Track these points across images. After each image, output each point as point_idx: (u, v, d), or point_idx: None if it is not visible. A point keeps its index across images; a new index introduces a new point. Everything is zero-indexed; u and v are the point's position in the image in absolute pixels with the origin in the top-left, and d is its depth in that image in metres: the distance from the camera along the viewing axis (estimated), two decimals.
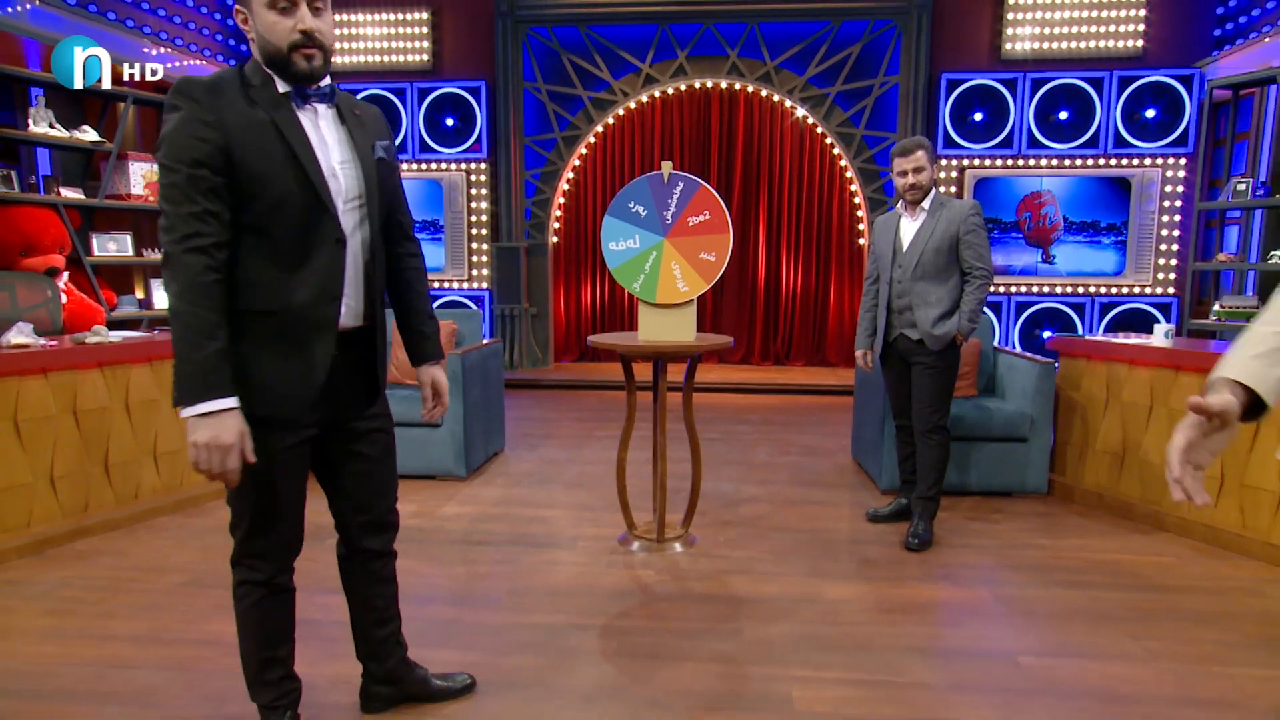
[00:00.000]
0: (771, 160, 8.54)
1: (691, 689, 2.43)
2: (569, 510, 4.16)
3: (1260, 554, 3.56)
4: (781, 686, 2.45)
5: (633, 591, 3.16)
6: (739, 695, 2.41)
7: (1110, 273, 7.79)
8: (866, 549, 3.64)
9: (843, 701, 2.38)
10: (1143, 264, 7.69)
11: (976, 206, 3.65)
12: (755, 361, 8.86)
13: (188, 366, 1.68)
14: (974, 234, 3.57)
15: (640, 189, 3.42)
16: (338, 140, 1.88)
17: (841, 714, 2.31)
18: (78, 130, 6.03)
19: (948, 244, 3.58)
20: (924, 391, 3.68)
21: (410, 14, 8.16)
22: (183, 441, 4.08)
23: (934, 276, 3.61)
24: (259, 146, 1.74)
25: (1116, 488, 4.23)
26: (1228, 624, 2.94)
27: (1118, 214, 7.72)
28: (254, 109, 1.76)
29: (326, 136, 1.86)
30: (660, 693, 2.41)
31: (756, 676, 2.51)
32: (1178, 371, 3.95)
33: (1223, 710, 2.37)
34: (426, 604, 3.03)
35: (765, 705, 2.35)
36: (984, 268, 3.57)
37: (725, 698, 2.40)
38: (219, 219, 1.71)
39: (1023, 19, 7.60)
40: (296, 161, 1.77)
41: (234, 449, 1.70)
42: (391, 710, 2.32)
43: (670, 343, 3.42)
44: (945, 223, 3.59)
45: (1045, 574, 3.39)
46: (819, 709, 2.34)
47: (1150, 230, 7.62)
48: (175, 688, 2.45)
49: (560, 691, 2.43)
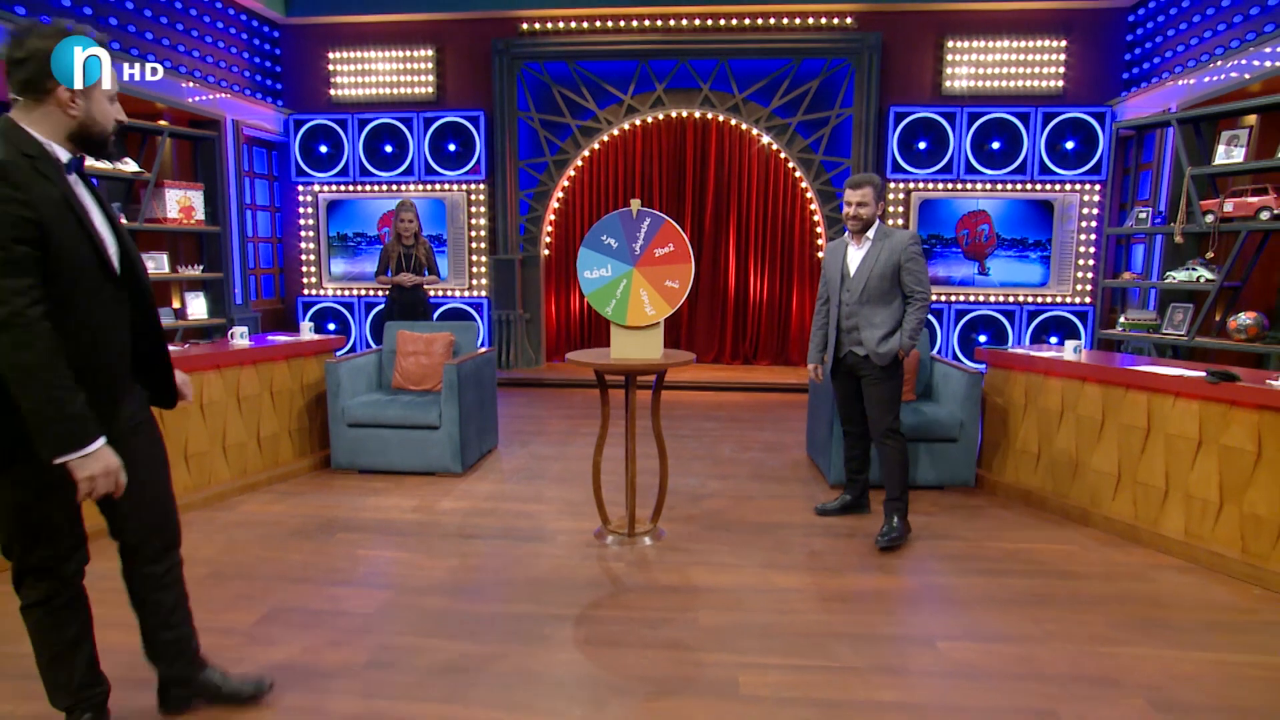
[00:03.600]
0: (740, 182, 8.56)
1: (650, 675, 2.48)
2: (552, 505, 4.18)
3: (1150, 543, 3.65)
4: (730, 673, 2.50)
5: (604, 583, 3.20)
6: (691, 680, 2.46)
7: (1037, 284, 7.87)
8: (814, 542, 3.68)
9: (782, 686, 2.44)
10: (1064, 276, 7.78)
11: (916, 237, 3.66)
12: (726, 361, 8.90)
13: (64, 421, 1.74)
14: (913, 261, 3.59)
15: (612, 223, 3.45)
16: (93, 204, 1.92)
17: (780, 697, 2.37)
18: (120, 162, 5.99)
19: (890, 271, 3.59)
20: (874, 402, 3.71)
21: (417, 50, 8.12)
22: (210, 443, 4.16)
23: (878, 300, 3.62)
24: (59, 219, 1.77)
25: (1033, 483, 4.31)
26: (1116, 607, 3.01)
27: (1043, 232, 7.80)
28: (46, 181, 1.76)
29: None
30: (621, 678, 2.46)
31: (708, 663, 2.56)
32: (1084, 382, 4.04)
33: (1105, 687, 2.44)
34: (424, 594, 3.07)
35: (714, 690, 2.40)
36: (923, 291, 3.60)
37: (679, 683, 2.45)
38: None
39: (960, 60, 7.64)
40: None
41: (119, 467, 1.84)
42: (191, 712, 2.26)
43: (639, 360, 3.46)
44: (888, 252, 3.60)
45: (965, 563, 3.45)
46: (762, 693, 2.39)
47: (1070, 247, 7.70)
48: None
49: (534, 678, 2.47)
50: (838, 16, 7.69)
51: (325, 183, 8.33)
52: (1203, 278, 5.19)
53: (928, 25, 7.68)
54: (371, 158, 8.20)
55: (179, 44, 6.91)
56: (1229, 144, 5.01)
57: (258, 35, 8.03)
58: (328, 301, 8.50)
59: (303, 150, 8.26)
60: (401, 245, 5.69)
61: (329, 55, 8.22)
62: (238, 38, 7.72)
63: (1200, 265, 5.22)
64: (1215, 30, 6.07)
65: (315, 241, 8.45)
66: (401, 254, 5.69)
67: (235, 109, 7.42)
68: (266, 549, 3.53)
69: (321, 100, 8.30)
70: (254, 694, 2.32)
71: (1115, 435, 3.87)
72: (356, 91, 8.23)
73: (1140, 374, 3.75)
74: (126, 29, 6.36)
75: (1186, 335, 5.24)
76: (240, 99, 7.50)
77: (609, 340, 3.56)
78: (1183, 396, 3.55)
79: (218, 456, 4.28)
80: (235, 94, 7.43)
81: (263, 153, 8.33)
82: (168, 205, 6.15)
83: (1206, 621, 2.90)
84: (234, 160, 7.38)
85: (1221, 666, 2.57)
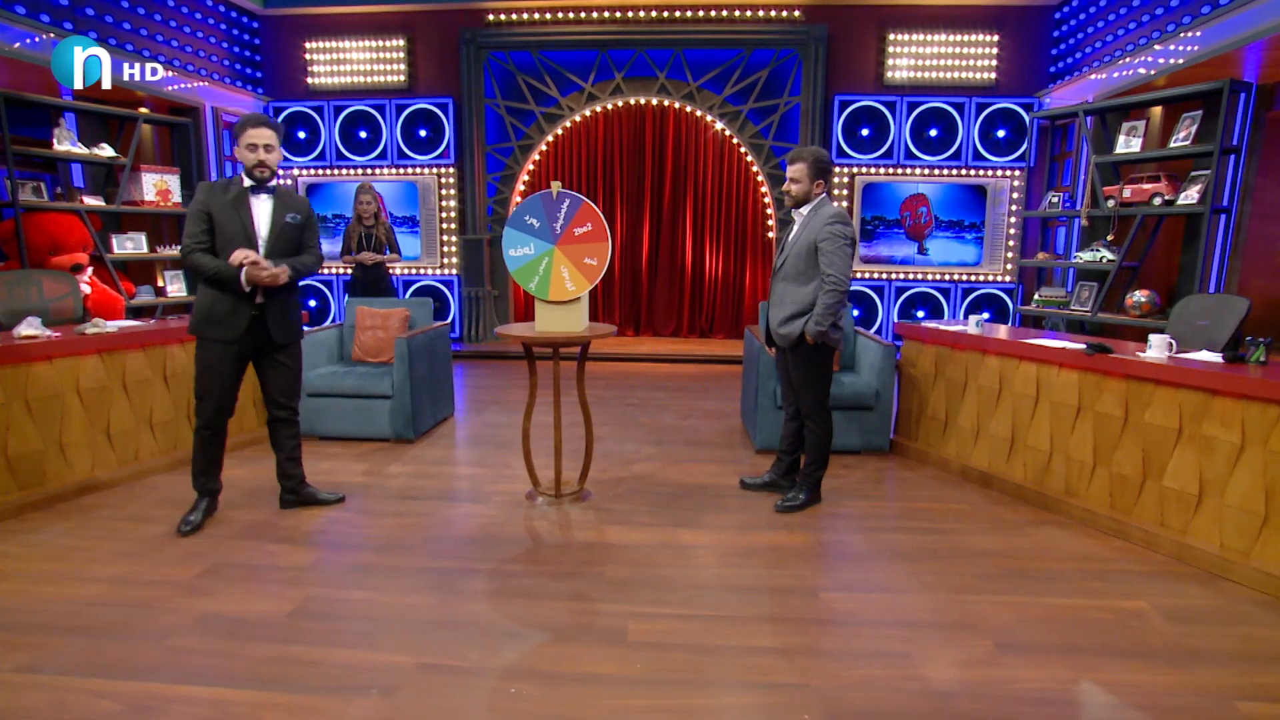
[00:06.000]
0: (696, 166, 8.51)
1: (548, 624, 2.52)
2: (493, 469, 4.19)
3: (1036, 502, 3.72)
4: (621, 622, 2.53)
5: (524, 540, 3.23)
6: (585, 628, 2.50)
7: (971, 263, 7.90)
8: (727, 502, 3.69)
9: (667, 633, 2.47)
10: (995, 256, 7.81)
11: (839, 215, 3.27)
12: (684, 334, 8.91)
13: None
14: (829, 241, 3.23)
15: (534, 204, 3.42)
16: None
17: (663, 643, 2.41)
18: (96, 147, 5.89)
19: (807, 250, 3.30)
20: (796, 380, 3.52)
21: (389, 40, 7.96)
22: (175, 412, 4.16)
23: (794, 279, 3.36)
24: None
25: (941, 448, 4.36)
26: (991, 560, 3.06)
27: (978, 214, 7.80)
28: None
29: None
30: (522, 627, 2.49)
31: (604, 613, 2.60)
32: (984, 354, 4.08)
33: (960, 631, 2.50)
34: (352, 551, 3.09)
35: (604, 637, 2.44)
36: (833, 275, 3.22)
37: (573, 630, 2.48)
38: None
39: (901, 52, 7.57)
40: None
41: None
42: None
43: (562, 333, 3.46)
44: (809, 230, 3.31)
45: (863, 521, 3.49)
46: (647, 639, 2.43)
47: (1001, 229, 7.72)
48: (133, 622, 2.51)
49: (440, 626, 2.50)
50: (786, 9, 7.59)
51: (304, 166, 8.21)
52: (1105, 258, 5.23)
53: (870, 19, 7.60)
54: (347, 143, 8.08)
55: (157, 34, 6.74)
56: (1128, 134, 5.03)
57: (237, 26, 7.85)
58: (308, 279, 8.41)
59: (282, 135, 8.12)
60: (362, 226, 5.65)
61: (306, 45, 8.05)
62: (217, 28, 7.54)
63: (1103, 246, 5.26)
64: (1127, 28, 6.04)
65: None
66: (362, 234, 5.65)
67: (215, 96, 7.27)
68: (220, 509, 3.54)
69: (299, 88, 8.15)
70: (334, 501, 3.63)
71: (1010, 403, 3.92)
72: (333, 80, 8.08)
73: (1030, 346, 3.79)
74: (105, 19, 6.19)
75: (1090, 311, 5.29)
76: (220, 87, 7.35)
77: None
78: (1065, 367, 3.60)
79: (183, 423, 4.27)
80: (215, 82, 7.27)
81: None
82: (144, 188, 6.06)
83: (1069, 571, 2.97)
84: (214, 145, 7.25)
85: (1070, 610, 2.64)
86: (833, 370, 3.65)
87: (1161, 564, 3.05)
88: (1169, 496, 3.14)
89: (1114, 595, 2.77)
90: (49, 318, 4.41)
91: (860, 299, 7.99)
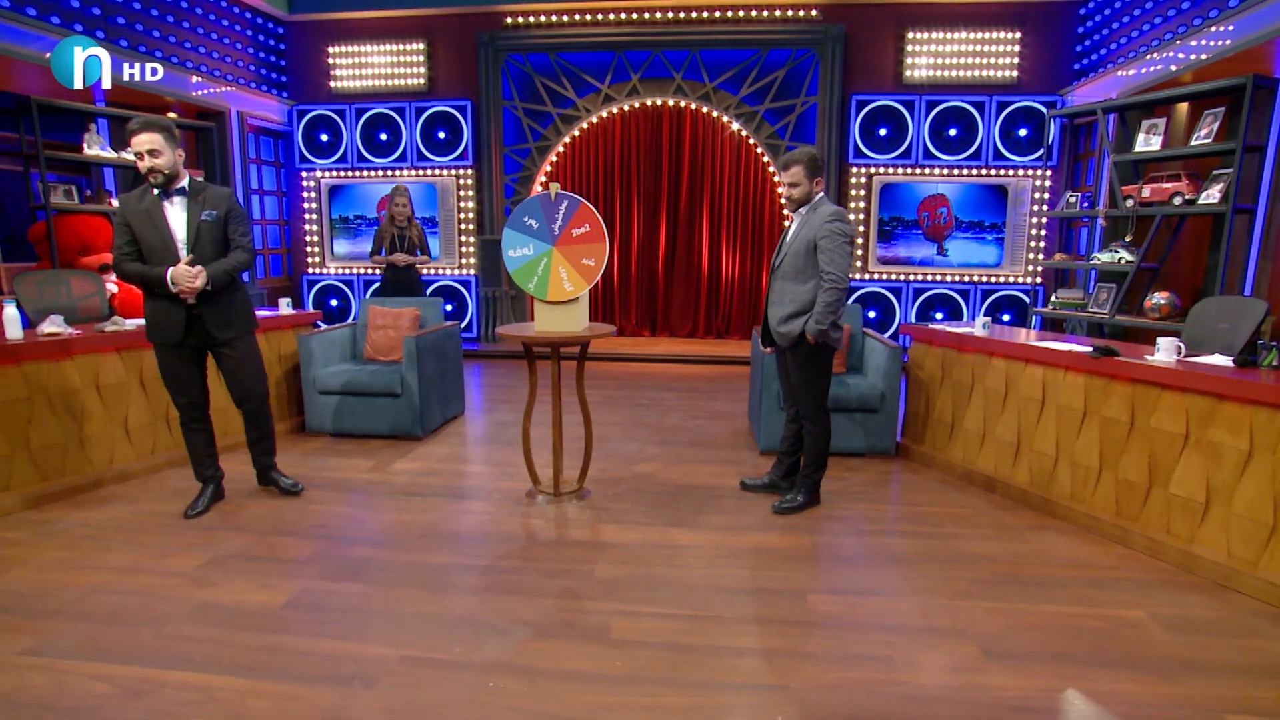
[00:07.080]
0: (712, 166, 8.49)
1: (532, 620, 2.54)
2: (497, 467, 4.23)
3: (1040, 507, 3.65)
4: (605, 619, 2.54)
5: (519, 537, 3.26)
6: (569, 625, 2.51)
7: (991, 264, 7.77)
8: (725, 503, 3.67)
9: (649, 631, 2.48)
10: (1017, 257, 7.66)
11: (838, 214, 3.26)
12: (700, 336, 8.89)
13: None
14: (828, 239, 3.22)
15: (533, 206, 3.45)
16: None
17: (644, 642, 2.41)
18: (125, 151, 6.08)
19: (806, 248, 3.28)
20: (794, 381, 3.49)
21: (409, 44, 8.09)
22: None
23: (793, 278, 3.35)
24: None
25: (947, 451, 4.30)
26: (988, 565, 3.01)
27: (998, 215, 7.67)
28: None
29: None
30: (506, 622, 2.52)
31: (590, 610, 2.61)
32: (990, 357, 4.01)
33: (947, 637, 2.46)
34: (351, 545, 3.15)
35: (586, 634, 2.45)
36: (833, 273, 3.21)
37: (556, 627, 2.50)
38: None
39: (920, 50, 7.47)
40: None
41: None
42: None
43: (560, 333, 3.48)
44: (808, 229, 3.30)
45: (861, 524, 3.45)
46: (629, 638, 2.43)
47: (1023, 230, 7.58)
48: (134, 609, 2.59)
49: (427, 619, 2.54)
50: (803, 9, 7.54)
51: (326, 169, 8.37)
52: (1123, 259, 5.10)
53: (889, 17, 7.51)
54: (368, 145, 8.23)
55: (185, 41, 6.93)
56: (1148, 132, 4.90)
57: (263, 32, 8.03)
58: (330, 279, 8.59)
59: (305, 138, 8.30)
60: (395, 227, 5.79)
61: (329, 50, 8.22)
62: (244, 35, 7.73)
63: (1121, 247, 5.13)
64: (1154, 23, 5.88)
65: (318, 224, 8.53)
66: (395, 235, 5.80)
67: (241, 101, 7.46)
68: (227, 503, 3.64)
69: (322, 92, 8.31)
70: (292, 489, 3.75)
71: (1016, 406, 3.85)
72: (354, 83, 8.23)
73: (1036, 349, 3.72)
74: (135, 27, 6.39)
75: (1109, 313, 5.17)
76: (246, 91, 7.54)
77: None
78: (1071, 370, 3.52)
79: None
80: (241, 87, 7.46)
81: (270, 141, 8.38)
82: None
83: (1067, 578, 2.91)
84: (239, 148, 7.44)
85: (1063, 618, 2.59)
86: (833, 372, 3.63)
87: (1165, 573, 2.97)
88: (1175, 504, 3.06)
89: (1111, 604, 2.70)
90: (76, 316, 4.57)
91: (877, 300, 7.90)
